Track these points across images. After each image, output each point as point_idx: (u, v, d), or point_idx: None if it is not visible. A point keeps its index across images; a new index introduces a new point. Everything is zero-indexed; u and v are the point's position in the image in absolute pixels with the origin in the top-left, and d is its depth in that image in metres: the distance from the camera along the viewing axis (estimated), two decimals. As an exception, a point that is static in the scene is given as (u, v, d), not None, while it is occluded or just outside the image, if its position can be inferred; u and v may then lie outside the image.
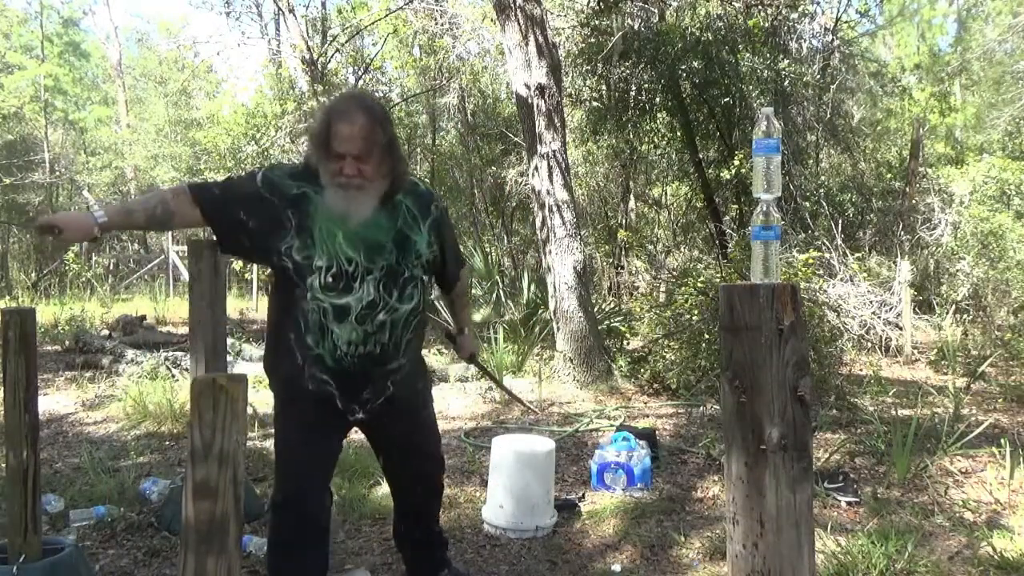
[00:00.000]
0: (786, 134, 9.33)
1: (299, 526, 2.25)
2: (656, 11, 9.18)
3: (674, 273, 10.33)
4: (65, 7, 23.97)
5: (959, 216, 9.99)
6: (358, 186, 2.10)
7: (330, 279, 2.09)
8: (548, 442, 3.44)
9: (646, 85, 9.24)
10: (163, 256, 19.18)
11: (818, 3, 10.38)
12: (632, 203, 15.41)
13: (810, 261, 6.32)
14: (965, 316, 8.68)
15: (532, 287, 8.84)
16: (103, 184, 23.42)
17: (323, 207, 2.12)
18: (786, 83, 9.07)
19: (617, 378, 6.43)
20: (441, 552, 2.65)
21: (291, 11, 11.85)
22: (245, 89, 16.57)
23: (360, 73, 13.83)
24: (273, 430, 2.31)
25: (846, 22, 11.44)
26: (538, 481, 3.24)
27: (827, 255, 7.39)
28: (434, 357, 7.45)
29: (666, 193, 15.48)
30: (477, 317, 8.66)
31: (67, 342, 8.52)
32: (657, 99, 9.53)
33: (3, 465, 2.92)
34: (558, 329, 6.64)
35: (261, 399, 5.80)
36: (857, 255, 7.80)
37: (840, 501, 3.53)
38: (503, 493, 3.25)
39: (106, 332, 8.86)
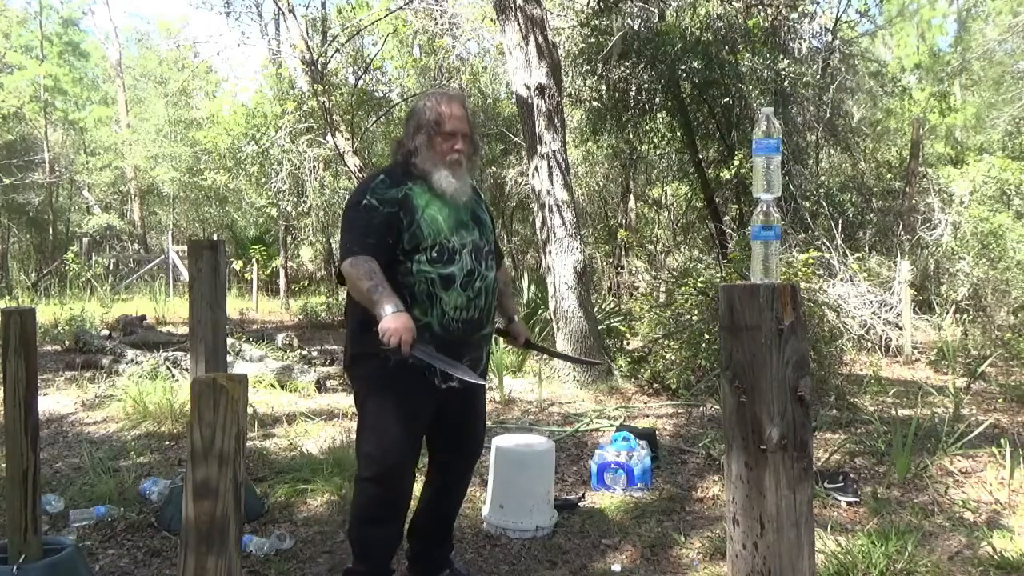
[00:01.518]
0: (786, 134, 9.33)
1: (384, 502, 2.46)
2: (656, 11, 9.17)
3: (674, 273, 10.34)
4: (64, 7, 23.96)
5: (959, 216, 9.99)
6: (463, 163, 2.43)
7: (435, 254, 2.35)
8: (548, 442, 3.45)
9: (646, 85, 9.24)
10: (163, 256, 19.18)
11: (818, 3, 10.39)
12: (632, 203, 15.42)
13: (810, 261, 6.32)
14: (965, 316, 8.68)
15: (532, 287, 8.84)
16: (103, 184, 23.42)
17: (422, 196, 2.39)
18: (786, 83, 9.06)
19: (617, 378, 6.43)
20: (446, 552, 2.75)
21: (291, 11, 11.83)
22: (245, 89, 16.58)
23: (360, 73, 13.83)
24: (364, 411, 2.45)
25: (846, 22, 11.43)
26: (538, 481, 3.24)
27: (827, 255, 7.39)
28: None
29: (666, 193, 15.48)
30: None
31: (67, 342, 8.52)
32: (657, 99, 9.53)
33: (3, 465, 2.92)
34: (558, 329, 6.64)
35: (261, 399, 5.81)
36: (857, 255, 7.80)
37: (840, 501, 3.53)
38: (503, 493, 3.25)
39: (106, 332, 8.87)
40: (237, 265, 17.12)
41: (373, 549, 2.51)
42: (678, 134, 10.36)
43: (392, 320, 2.25)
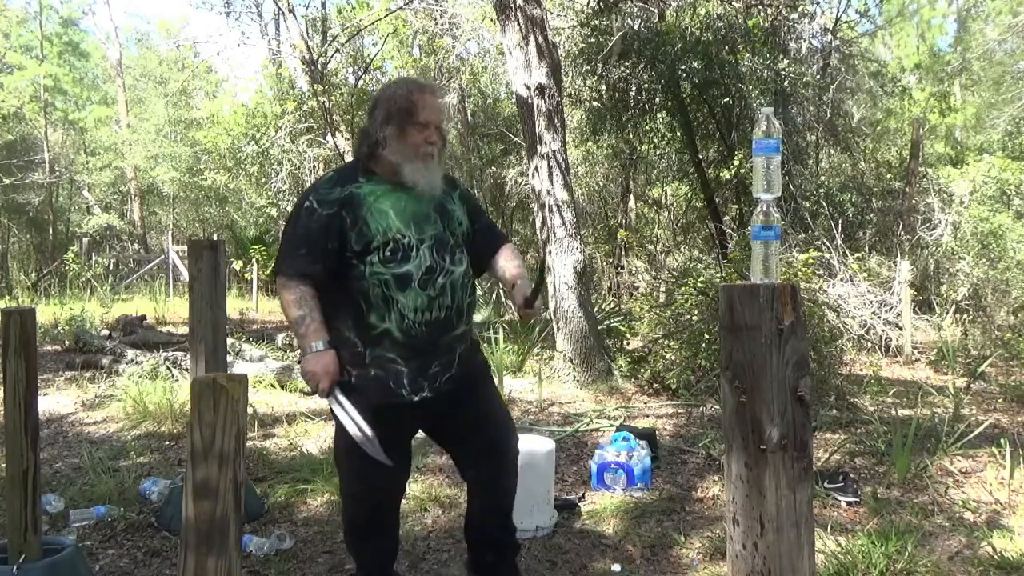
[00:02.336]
0: (786, 134, 9.33)
1: (369, 520, 2.38)
2: (656, 11, 9.18)
3: (674, 273, 10.34)
4: (64, 7, 23.97)
5: (959, 216, 9.99)
6: (435, 155, 2.28)
7: (388, 253, 2.18)
8: (548, 442, 3.44)
9: (646, 85, 9.24)
10: (163, 256, 19.17)
11: (818, 3, 10.39)
12: (632, 203, 15.42)
13: (810, 261, 6.32)
14: (965, 316, 8.68)
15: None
16: (103, 184, 23.42)
17: (370, 195, 2.23)
18: (786, 83, 9.07)
19: (617, 378, 6.43)
20: (504, 560, 2.55)
21: (291, 11, 11.84)
22: (245, 89, 16.57)
23: (360, 73, 13.83)
24: (337, 431, 2.33)
25: (846, 22, 11.44)
26: (538, 481, 3.23)
27: (827, 255, 7.39)
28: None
29: (666, 193, 15.48)
30: (477, 318, 8.66)
31: (67, 342, 8.52)
32: (657, 99, 9.53)
33: (3, 465, 2.92)
34: (558, 329, 6.64)
35: (261, 399, 5.81)
36: (857, 255, 7.80)
37: (840, 501, 3.53)
38: (503, 493, 3.25)
39: (106, 332, 8.86)
40: (237, 265, 17.11)
41: (367, 560, 2.46)
42: (678, 134, 10.37)
43: (312, 361, 2.16)
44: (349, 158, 11.42)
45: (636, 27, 8.95)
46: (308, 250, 2.21)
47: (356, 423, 2.19)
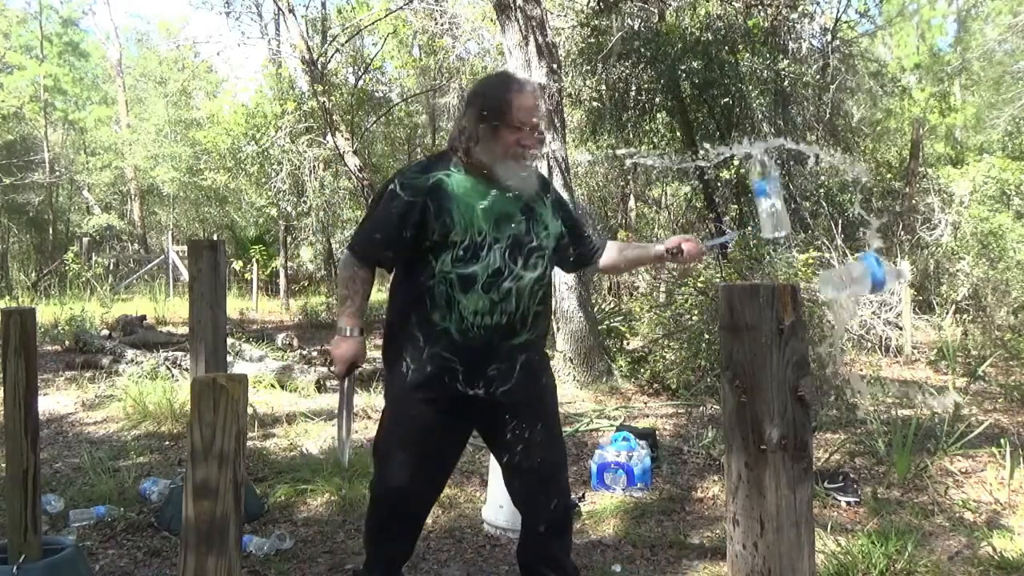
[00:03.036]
0: (786, 134, 9.33)
1: (391, 520, 2.34)
2: (656, 11, 9.18)
3: (674, 273, 10.33)
4: (64, 7, 23.96)
5: (959, 216, 9.99)
6: (535, 156, 2.22)
7: (461, 252, 2.13)
8: (548, 442, 3.44)
9: (646, 85, 9.24)
10: (163, 256, 19.18)
11: (818, 3, 10.40)
12: (632, 203, 15.42)
13: (810, 261, 6.32)
14: (965, 316, 8.68)
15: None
16: (103, 184, 23.42)
17: (456, 185, 2.18)
18: (786, 83, 9.07)
19: (617, 378, 6.43)
20: None
21: (291, 11, 11.84)
22: (245, 89, 16.57)
23: (360, 73, 13.83)
24: (380, 427, 2.32)
25: (846, 22, 11.44)
26: (538, 481, 3.23)
27: (827, 255, 7.39)
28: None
29: (666, 193, 15.48)
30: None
31: (67, 342, 8.52)
32: (657, 99, 9.53)
33: (3, 465, 2.92)
34: (558, 329, 6.64)
35: (261, 399, 5.81)
36: (857, 255, 7.80)
37: (840, 501, 3.53)
38: (503, 493, 3.24)
39: (106, 332, 8.86)
40: (237, 265, 17.11)
41: (379, 560, 2.44)
42: (678, 134, 10.37)
43: (338, 344, 2.22)
44: (349, 158, 11.45)
45: (636, 27, 8.95)
46: (383, 235, 2.20)
47: (344, 418, 2.24)
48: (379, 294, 8.99)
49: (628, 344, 7.65)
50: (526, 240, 2.19)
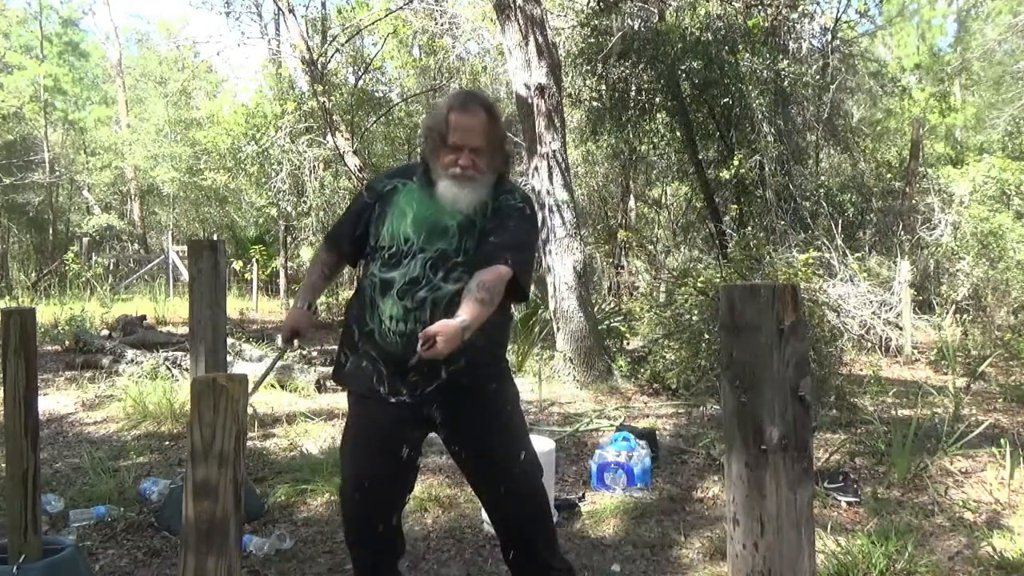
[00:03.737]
0: (786, 134, 9.34)
1: (347, 519, 2.34)
2: (656, 11, 9.17)
3: (674, 273, 10.33)
4: (64, 7, 23.96)
5: (959, 216, 9.99)
6: (471, 178, 2.17)
7: (387, 256, 2.20)
8: (548, 442, 3.44)
9: (646, 85, 9.24)
10: (163, 256, 19.18)
11: (818, 3, 10.40)
12: (632, 203, 15.42)
13: (810, 261, 6.32)
14: (965, 316, 8.68)
15: (532, 287, 8.83)
16: (103, 184, 23.41)
17: (405, 195, 2.26)
18: (786, 83, 9.06)
19: (617, 378, 6.43)
20: None
21: (291, 11, 11.84)
22: (245, 89, 16.57)
23: (360, 73, 13.83)
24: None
25: (846, 22, 11.44)
26: (538, 481, 3.23)
27: (827, 255, 7.39)
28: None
29: (666, 193, 15.48)
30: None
31: (67, 342, 8.52)
32: (657, 99, 9.53)
33: (3, 465, 2.92)
34: (558, 329, 6.64)
35: (261, 399, 5.81)
36: (857, 255, 7.80)
37: (840, 501, 3.53)
38: (503, 493, 3.24)
39: (106, 332, 8.86)
40: (237, 265, 17.11)
41: (354, 561, 2.40)
42: (678, 134, 10.36)
43: (288, 314, 2.47)
44: (349, 158, 11.44)
45: (636, 27, 8.95)
46: (343, 228, 2.40)
47: (260, 376, 2.60)
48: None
49: (628, 344, 7.65)
50: (453, 255, 2.16)
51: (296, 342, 2.48)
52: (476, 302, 2.02)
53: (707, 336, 5.90)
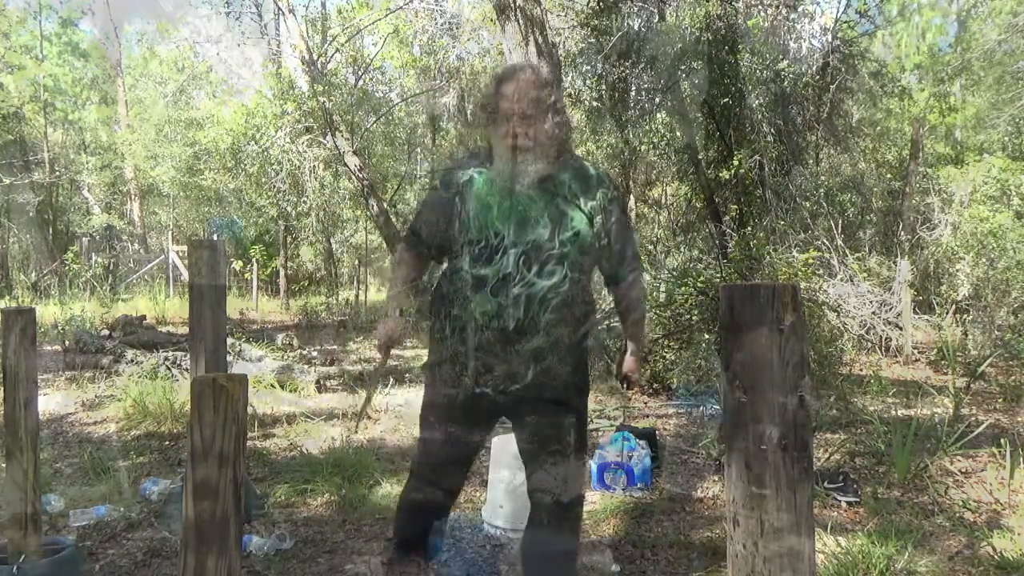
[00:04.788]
0: (786, 134, 9.33)
1: (411, 495, 2.44)
2: (656, 11, 9.17)
3: (674, 273, 10.33)
4: (64, 7, 23.95)
5: (959, 216, 9.99)
6: (527, 147, 2.12)
7: (477, 251, 2.15)
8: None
9: (646, 85, 9.24)
10: (163, 256, 19.18)
11: (818, 3, 10.40)
12: (632, 203, 15.41)
13: (810, 261, 6.32)
14: (965, 316, 8.68)
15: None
16: (103, 184, 23.41)
17: (483, 184, 2.20)
18: (785, 83, 9.06)
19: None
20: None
21: (291, 11, 11.84)
22: (245, 89, 16.57)
23: (360, 73, 13.83)
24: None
25: (845, 22, 11.43)
26: (538, 481, 3.23)
27: (827, 255, 7.39)
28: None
29: (666, 193, 15.48)
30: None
31: (67, 342, 8.52)
32: (657, 99, 9.53)
33: (3, 465, 2.92)
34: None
35: (261, 399, 5.81)
36: (857, 255, 7.81)
37: (840, 501, 3.53)
38: (503, 493, 3.25)
39: (106, 332, 8.86)
40: (237, 265, 17.12)
41: (399, 530, 2.51)
42: (678, 134, 10.36)
43: (381, 325, 2.36)
44: (349, 158, 11.44)
45: (636, 27, 8.95)
46: (426, 222, 2.34)
47: (365, 398, 2.58)
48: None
49: (628, 344, 7.65)
50: (547, 247, 2.12)
51: (383, 359, 2.45)
52: (639, 323, 2.40)
53: (707, 336, 5.90)
